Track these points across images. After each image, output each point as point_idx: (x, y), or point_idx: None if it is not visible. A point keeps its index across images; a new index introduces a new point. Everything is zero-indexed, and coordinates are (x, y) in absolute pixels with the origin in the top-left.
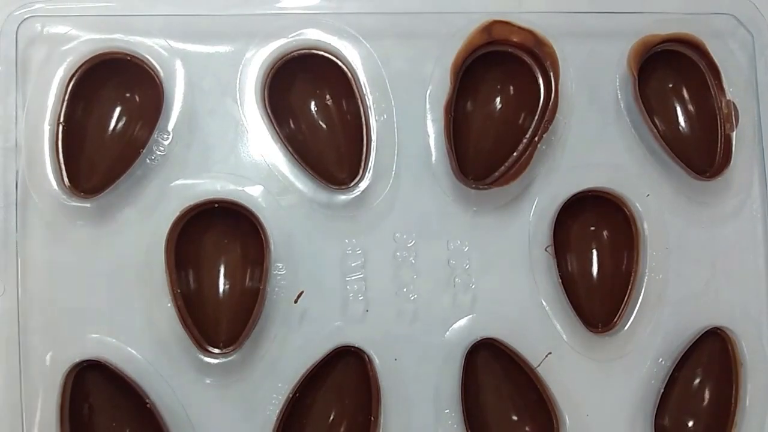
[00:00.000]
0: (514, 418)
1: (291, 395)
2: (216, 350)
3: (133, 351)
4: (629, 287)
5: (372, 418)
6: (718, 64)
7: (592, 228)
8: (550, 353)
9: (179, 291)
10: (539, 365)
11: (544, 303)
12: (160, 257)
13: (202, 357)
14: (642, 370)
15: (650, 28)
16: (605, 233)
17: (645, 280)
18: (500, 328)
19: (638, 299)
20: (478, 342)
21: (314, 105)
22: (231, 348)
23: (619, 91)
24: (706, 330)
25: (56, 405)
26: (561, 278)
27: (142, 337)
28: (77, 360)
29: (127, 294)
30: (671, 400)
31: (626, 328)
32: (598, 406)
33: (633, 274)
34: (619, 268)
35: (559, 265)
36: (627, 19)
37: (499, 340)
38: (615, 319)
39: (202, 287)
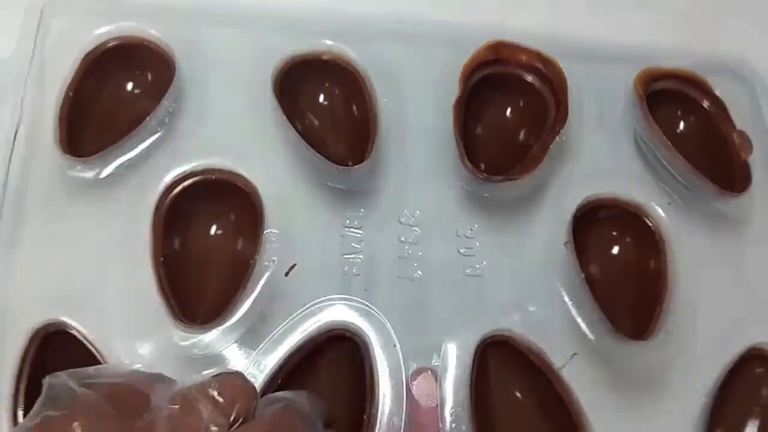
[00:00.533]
0: (527, 420)
1: (273, 380)
2: (194, 325)
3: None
4: (657, 295)
5: (365, 417)
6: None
7: (614, 233)
8: (575, 354)
9: (163, 259)
10: (564, 366)
11: (564, 299)
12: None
13: (179, 331)
14: (679, 388)
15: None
16: (627, 239)
17: (674, 288)
18: (513, 324)
19: (668, 309)
20: (490, 338)
21: (323, 95)
22: (211, 323)
23: (629, 112)
24: (747, 351)
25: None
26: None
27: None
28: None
29: (112, 264)
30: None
31: (656, 337)
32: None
33: (661, 282)
34: (643, 274)
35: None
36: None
37: (512, 337)
38: (643, 328)
39: (189, 257)
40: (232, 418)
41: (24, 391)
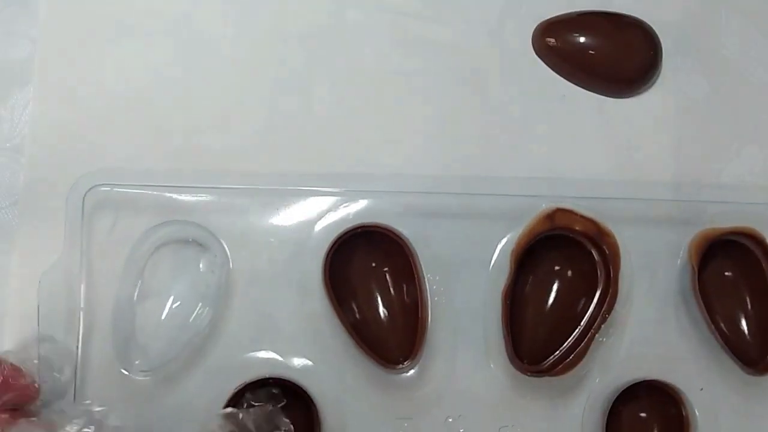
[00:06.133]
0: None
1: None
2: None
3: None
4: None
5: None
6: None
7: (643, 415)
8: None
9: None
10: None
11: None
12: None
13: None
14: None
15: (709, 218)
16: (657, 425)
17: None
18: None
19: None
20: None
21: (374, 283)
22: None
23: (678, 279)
24: None
25: None
26: None
27: None
28: None
29: None
30: None
31: None
32: None
33: None
34: None
35: None
36: (687, 207)
37: None
38: None
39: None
40: None
41: None
